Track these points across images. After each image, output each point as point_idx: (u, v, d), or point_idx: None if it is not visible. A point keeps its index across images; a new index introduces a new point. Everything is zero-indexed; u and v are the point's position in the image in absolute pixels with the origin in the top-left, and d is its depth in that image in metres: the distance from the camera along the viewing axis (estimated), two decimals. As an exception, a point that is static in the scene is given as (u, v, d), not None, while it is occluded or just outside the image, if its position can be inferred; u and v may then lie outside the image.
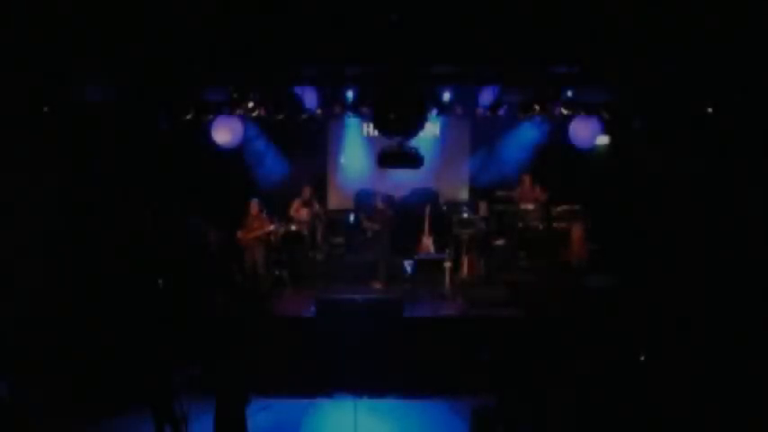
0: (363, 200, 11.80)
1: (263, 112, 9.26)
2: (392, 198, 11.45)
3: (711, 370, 7.02)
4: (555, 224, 10.73)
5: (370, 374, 7.96)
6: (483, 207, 11.62)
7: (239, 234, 10.05)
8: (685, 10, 7.17)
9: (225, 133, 9.85)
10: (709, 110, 7.97)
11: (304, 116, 9.33)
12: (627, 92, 8.52)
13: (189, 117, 8.86)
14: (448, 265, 10.06)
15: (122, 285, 8.47)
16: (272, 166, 11.37)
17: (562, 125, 10.19)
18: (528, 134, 11.22)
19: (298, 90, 8.98)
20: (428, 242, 10.80)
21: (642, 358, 7.19)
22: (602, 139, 10.54)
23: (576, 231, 9.64)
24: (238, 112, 9.28)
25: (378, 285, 10.39)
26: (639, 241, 9.36)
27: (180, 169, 10.14)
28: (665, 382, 6.95)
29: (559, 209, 10.77)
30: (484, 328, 8.30)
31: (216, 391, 6.08)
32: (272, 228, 10.15)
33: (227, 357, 6.23)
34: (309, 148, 11.89)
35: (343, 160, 12.13)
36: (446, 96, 9.50)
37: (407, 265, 10.13)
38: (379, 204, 10.82)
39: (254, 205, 10.17)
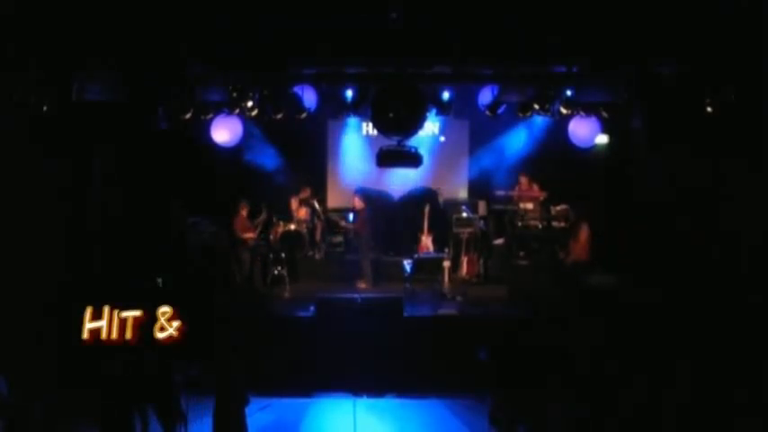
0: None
1: (262, 112, 9.26)
2: (367, 193, 11.36)
3: (712, 369, 7.02)
4: (554, 223, 10.75)
5: (369, 374, 7.95)
6: (482, 206, 11.63)
7: (244, 236, 10.10)
8: (685, 10, 7.18)
9: (224, 133, 9.86)
10: (709, 110, 7.98)
11: (304, 116, 9.33)
12: (627, 92, 8.52)
13: (188, 117, 8.86)
14: (447, 264, 10.07)
15: (122, 285, 8.46)
16: (271, 165, 11.37)
17: (562, 125, 10.19)
18: (527, 134, 11.22)
19: (298, 90, 8.98)
20: (427, 241, 10.80)
21: (641, 358, 7.19)
22: (602, 139, 10.54)
23: (584, 232, 9.60)
24: (238, 112, 9.29)
25: (362, 285, 10.30)
26: (639, 241, 9.36)
27: (180, 169, 10.13)
28: (665, 382, 6.95)
29: (558, 208, 10.78)
30: (484, 327, 8.29)
31: (216, 391, 6.08)
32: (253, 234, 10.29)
33: (226, 357, 6.23)
34: (309, 148, 11.89)
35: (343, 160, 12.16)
36: (446, 96, 9.50)
37: (407, 264, 10.14)
38: (356, 203, 10.77)
39: (244, 207, 10.25)
